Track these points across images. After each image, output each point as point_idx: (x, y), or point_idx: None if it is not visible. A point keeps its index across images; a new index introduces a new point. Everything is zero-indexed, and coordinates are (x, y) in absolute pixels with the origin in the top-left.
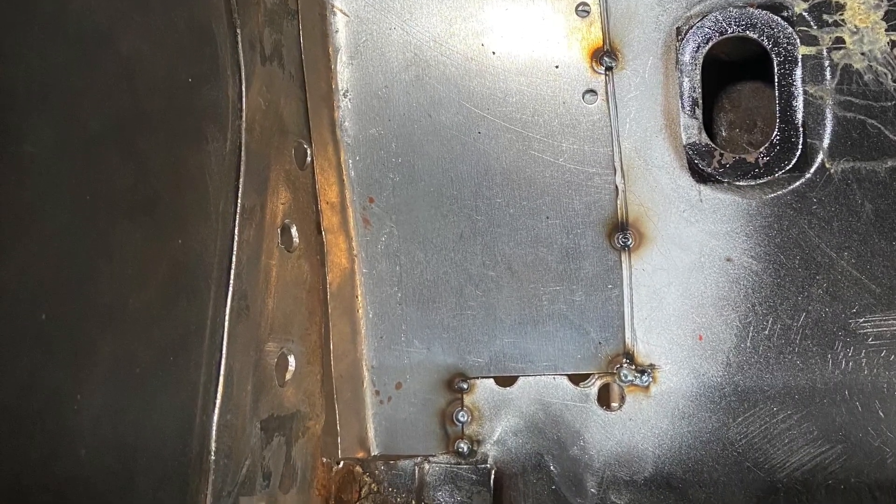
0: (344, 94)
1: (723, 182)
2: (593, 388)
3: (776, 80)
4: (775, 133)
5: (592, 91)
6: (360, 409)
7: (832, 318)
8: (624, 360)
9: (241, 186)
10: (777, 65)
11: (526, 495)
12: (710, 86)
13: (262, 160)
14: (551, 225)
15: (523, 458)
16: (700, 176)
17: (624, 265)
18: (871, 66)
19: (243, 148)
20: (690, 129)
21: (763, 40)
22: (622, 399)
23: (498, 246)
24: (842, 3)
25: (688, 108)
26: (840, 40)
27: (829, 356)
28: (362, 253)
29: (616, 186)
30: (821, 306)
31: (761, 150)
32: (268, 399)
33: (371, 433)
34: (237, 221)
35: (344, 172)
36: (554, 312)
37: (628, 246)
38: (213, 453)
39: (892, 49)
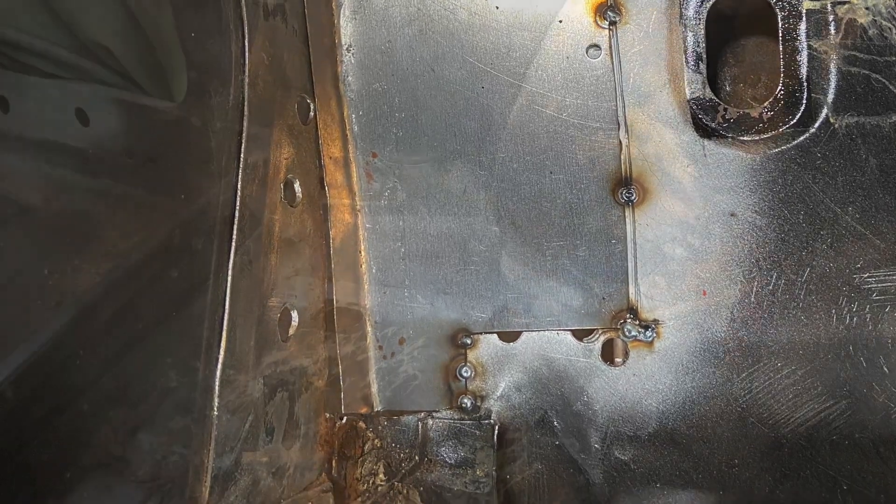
0: (347, 48)
1: (727, 137)
2: (597, 343)
3: (780, 34)
4: (779, 88)
5: (596, 46)
6: (363, 364)
7: (836, 274)
8: (628, 315)
9: (244, 141)
10: (781, 19)
11: (529, 450)
12: (714, 40)
13: (266, 115)
14: (555, 180)
15: (527, 414)
16: (704, 131)
17: (627, 220)
18: (875, 20)
19: (246, 103)
20: (694, 84)
21: None
22: (626, 354)
23: (501, 201)
24: None
25: (692, 63)
26: None
27: (834, 311)
28: (365, 208)
29: (620, 141)
30: (825, 261)
31: (765, 104)
32: (271, 354)
33: (374, 388)
34: (240, 176)
35: (347, 127)
36: (558, 267)
37: (632, 201)
38: (215, 409)
39: None
